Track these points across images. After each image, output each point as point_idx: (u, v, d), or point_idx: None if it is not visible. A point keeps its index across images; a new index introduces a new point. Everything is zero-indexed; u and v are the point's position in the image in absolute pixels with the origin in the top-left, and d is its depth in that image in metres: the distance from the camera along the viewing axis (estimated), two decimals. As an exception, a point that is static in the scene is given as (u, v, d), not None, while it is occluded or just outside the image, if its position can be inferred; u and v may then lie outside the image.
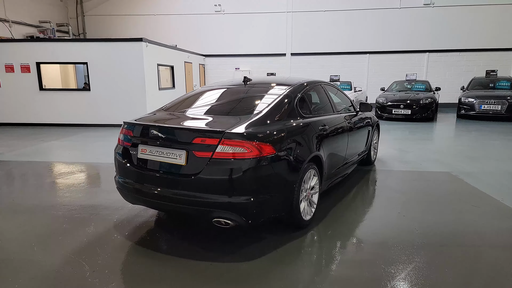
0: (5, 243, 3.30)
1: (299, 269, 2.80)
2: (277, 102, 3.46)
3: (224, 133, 2.80)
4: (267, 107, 3.34)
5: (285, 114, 3.42)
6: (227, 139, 2.79)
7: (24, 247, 3.18)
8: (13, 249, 3.17)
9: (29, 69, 11.03)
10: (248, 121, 3.08)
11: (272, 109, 3.34)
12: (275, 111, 3.34)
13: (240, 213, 2.83)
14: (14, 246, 3.24)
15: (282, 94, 3.59)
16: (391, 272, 2.75)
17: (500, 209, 4.06)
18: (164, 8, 17.58)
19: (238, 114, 3.28)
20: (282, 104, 3.46)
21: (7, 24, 14.13)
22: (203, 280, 2.65)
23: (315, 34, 17.02)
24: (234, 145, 2.79)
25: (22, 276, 2.71)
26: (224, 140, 2.79)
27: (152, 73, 11.21)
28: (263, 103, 3.43)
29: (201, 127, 2.99)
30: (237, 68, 17.51)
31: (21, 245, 3.23)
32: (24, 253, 3.09)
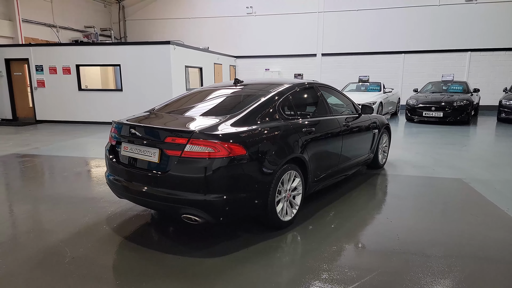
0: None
1: (261, 269, 2.85)
2: (258, 104, 3.52)
3: (193, 133, 2.93)
4: (246, 108, 3.42)
5: (265, 116, 3.47)
6: (196, 139, 2.91)
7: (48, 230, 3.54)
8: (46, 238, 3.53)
9: (70, 71, 11.93)
10: (222, 122, 3.18)
11: (252, 110, 3.41)
12: (254, 113, 3.40)
13: (207, 211, 2.94)
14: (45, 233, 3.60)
15: (265, 97, 3.65)
16: (352, 277, 2.72)
17: (501, 219, 3.81)
18: (199, 12, 18.13)
19: (217, 115, 3.38)
20: (263, 106, 3.52)
21: (55, 29, 15.36)
22: (166, 272, 2.79)
23: (347, 34, 16.68)
24: (202, 145, 2.90)
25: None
26: (192, 140, 2.91)
27: (180, 74, 11.65)
28: (244, 105, 3.51)
29: (173, 127, 3.14)
30: (267, 69, 17.62)
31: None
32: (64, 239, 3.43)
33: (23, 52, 12.12)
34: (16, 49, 12.23)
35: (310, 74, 17.05)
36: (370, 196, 4.59)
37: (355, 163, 4.99)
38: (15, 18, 13.12)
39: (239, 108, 3.43)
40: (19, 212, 4.14)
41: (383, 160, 5.96)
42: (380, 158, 5.81)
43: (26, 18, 13.74)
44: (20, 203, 4.44)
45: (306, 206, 4.15)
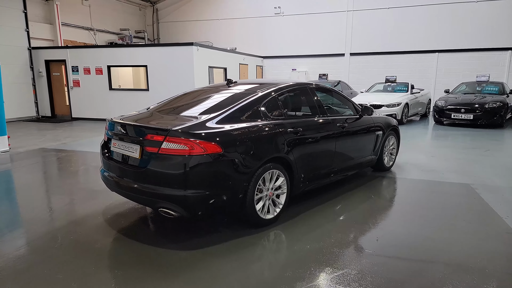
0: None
1: (228, 263, 2.94)
2: (241, 104, 3.60)
3: (169, 131, 3.08)
4: (227, 109, 3.51)
5: (248, 116, 3.55)
6: (172, 137, 3.06)
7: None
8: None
9: (102, 71, 12.64)
10: (201, 121, 3.30)
11: (232, 110, 3.50)
12: (235, 113, 3.49)
13: (181, 205, 3.08)
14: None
15: (249, 97, 3.72)
16: (314, 274, 2.74)
17: (496, 227, 3.62)
18: (228, 13, 18.43)
19: (200, 115, 3.51)
20: (245, 106, 3.60)
21: (92, 32, 16.30)
22: (139, 260, 2.97)
23: (377, 33, 16.23)
24: (177, 142, 3.04)
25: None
26: (168, 138, 3.06)
27: (203, 74, 11.96)
28: (226, 105, 3.60)
29: (153, 125, 3.30)
30: (293, 69, 17.58)
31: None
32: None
33: (61, 54, 13.00)
34: (55, 51, 13.14)
35: (338, 74, 16.79)
36: (363, 199, 4.51)
37: (354, 165, 4.93)
38: (55, 22, 14.09)
39: (221, 108, 3.53)
40: (30, 201, 4.53)
41: (390, 162, 5.81)
42: (386, 161, 5.68)
43: (66, 22, 14.71)
44: (26, 192, 4.85)
45: (296, 205, 4.18)
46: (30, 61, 13.21)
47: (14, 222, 3.90)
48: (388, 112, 11.21)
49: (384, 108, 11.27)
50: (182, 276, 2.74)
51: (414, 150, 7.50)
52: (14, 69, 12.60)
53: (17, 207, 4.38)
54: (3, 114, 7.21)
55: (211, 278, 2.71)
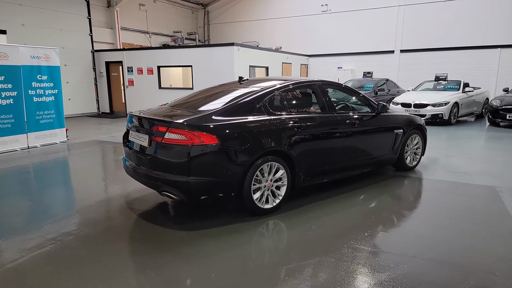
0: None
1: (217, 243, 3.19)
2: (243, 99, 3.84)
3: (171, 123, 3.42)
4: (228, 103, 3.77)
5: (249, 111, 3.77)
6: (173, 128, 3.40)
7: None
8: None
9: (152, 71, 13.62)
10: (202, 114, 3.60)
11: (234, 105, 3.76)
12: (236, 107, 3.74)
13: (180, 190, 3.41)
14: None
15: (253, 94, 3.94)
16: (289, 259, 2.90)
17: (502, 229, 3.45)
18: (275, 13, 18.67)
19: (204, 109, 3.81)
20: (247, 102, 3.82)
21: (148, 35, 17.55)
22: (142, 237, 3.36)
23: (431, 28, 15.37)
24: (178, 133, 3.38)
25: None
26: (170, 129, 3.41)
27: (244, 73, 12.34)
28: (230, 100, 3.86)
29: (158, 117, 3.66)
30: (339, 67, 17.30)
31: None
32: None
33: (118, 56, 14.25)
34: (113, 53, 14.43)
35: (387, 72, 16.20)
36: (372, 196, 4.49)
37: (367, 163, 4.91)
38: (115, 26, 15.45)
39: (222, 103, 3.81)
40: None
41: (413, 162, 5.64)
42: (408, 160, 5.54)
43: (124, 26, 16.04)
44: (73, 174, 5.55)
45: (300, 198, 4.32)
46: (93, 63, 14.65)
47: (56, 196, 4.55)
48: (434, 112, 10.68)
49: (430, 108, 10.75)
50: (172, 252, 3.06)
51: (449, 150, 7.14)
52: (79, 70, 14.08)
53: (66, 186, 5.07)
54: (62, 110, 8.21)
55: (194, 255, 3.00)
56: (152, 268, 2.80)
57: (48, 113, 7.84)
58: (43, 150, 7.50)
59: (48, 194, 4.77)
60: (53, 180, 5.55)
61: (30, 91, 7.44)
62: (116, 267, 2.83)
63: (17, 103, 7.18)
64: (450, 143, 7.99)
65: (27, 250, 3.11)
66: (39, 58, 7.53)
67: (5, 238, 3.37)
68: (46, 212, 4.07)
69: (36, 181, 5.55)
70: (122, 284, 2.59)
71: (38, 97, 7.60)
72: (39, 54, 7.53)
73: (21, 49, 7.20)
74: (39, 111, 7.65)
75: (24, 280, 2.66)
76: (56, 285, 2.60)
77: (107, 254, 3.04)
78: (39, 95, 7.61)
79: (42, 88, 7.67)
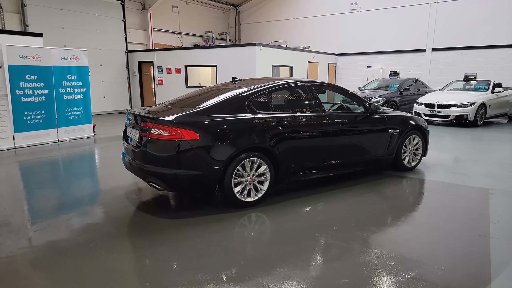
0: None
1: (196, 231, 3.48)
2: (228, 99, 4.11)
3: (156, 120, 3.76)
4: (215, 102, 4.05)
5: (232, 109, 4.02)
6: (158, 124, 3.74)
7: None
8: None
9: (180, 71, 14.24)
10: (188, 111, 3.91)
11: (219, 104, 4.03)
12: (221, 106, 4.01)
13: (163, 181, 3.74)
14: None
15: (238, 93, 4.19)
16: (263, 250, 3.12)
17: (472, 230, 3.43)
18: (304, 12, 18.68)
19: (192, 107, 4.10)
20: (230, 101, 4.08)
21: (180, 36, 18.28)
22: (130, 224, 3.72)
23: (466, 25, 14.67)
24: (162, 129, 3.71)
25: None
26: (156, 125, 3.75)
27: (266, 72, 12.57)
28: (217, 99, 4.13)
29: (147, 114, 3.99)
30: (368, 66, 16.99)
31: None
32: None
33: (149, 56, 15.03)
34: (145, 53, 15.24)
35: (418, 72, 15.71)
36: (357, 194, 4.56)
37: (359, 161, 4.99)
38: (148, 28, 16.27)
39: (208, 102, 4.09)
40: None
41: (412, 163, 5.60)
42: (406, 161, 5.51)
43: (157, 27, 16.84)
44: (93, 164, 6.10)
45: (289, 193, 4.53)
46: (127, 63, 15.56)
47: (72, 182, 5.09)
48: (458, 113, 10.31)
49: (454, 108, 10.38)
50: (150, 236, 3.40)
51: (458, 152, 6.96)
52: (113, 69, 15.02)
53: (85, 175, 5.63)
54: (89, 107, 8.92)
55: (171, 240, 3.31)
56: (130, 248, 3.15)
57: (77, 110, 8.57)
58: (71, 143, 8.22)
59: (71, 180, 5.32)
60: (76, 169, 6.14)
61: (60, 89, 8.18)
62: (98, 247, 3.21)
63: (49, 101, 7.94)
64: (464, 144, 7.74)
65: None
66: (69, 59, 8.26)
67: (41, 219, 3.89)
68: (67, 195, 4.59)
69: (63, 169, 6.17)
70: (100, 260, 2.96)
71: (67, 95, 8.33)
72: (69, 55, 8.26)
73: (52, 51, 7.94)
74: (68, 108, 8.38)
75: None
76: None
77: (93, 233, 3.43)
78: (68, 93, 8.34)
79: (72, 87, 8.40)
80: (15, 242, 3.27)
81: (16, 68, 7.28)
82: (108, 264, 2.88)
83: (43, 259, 2.96)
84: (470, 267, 2.80)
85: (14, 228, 3.59)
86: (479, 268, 2.78)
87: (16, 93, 7.36)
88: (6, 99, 7.24)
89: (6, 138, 7.36)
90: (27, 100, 7.56)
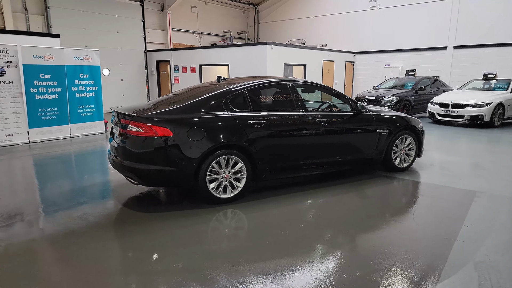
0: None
1: (165, 224, 3.62)
2: (206, 97, 4.21)
3: (133, 117, 3.93)
4: (194, 100, 4.17)
5: (209, 108, 4.12)
6: (134, 121, 3.90)
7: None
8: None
9: (195, 70, 14.53)
10: (164, 109, 4.05)
11: (195, 102, 4.14)
12: (197, 104, 4.12)
13: (137, 176, 3.91)
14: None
15: (216, 92, 4.29)
16: (228, 245, 3.22)
17: (441, 232, 3.35)
18: (322, 10, 18.49)
19: (172, 105, 4.24)
20: (207, 99, 4.18)
21: (198, 35, 18.61)
22: (109, 217, 3.89)
23: (490, 21, 14.00)
24: (137, 126, 3.87)
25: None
26: (132, 121, 3.92)
27: (278, 71, 12.60)
28: (197, 98, 4.25)
29: (125, 112, 4.15)
30: (387, 65, 16.58)
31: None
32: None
33: (167, 55, 15.43)
34: (163, 53, 15.65)
35: (439, 70, 15.19)
36: (337, 193, 4.55)
37: (344, 161, 4.95)
38: (167, 28, 16.70)
39: (186, 100, 4.21)
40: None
41: (404, 164, 5.48)
42: (397, 161, 5.41)
43: (176, 27, 17.24)
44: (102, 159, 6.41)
45: (268, 190, 4.59)
46: (145, 62, 16.05)
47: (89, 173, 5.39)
48: (473, 113, 9.92)
49: (469, 108, 9.99)
50: (123, 227, 3.59)
51: (463, 153, 6.71)
52: (133, 68, 15.55)
53: (87, 168, 5.96)
54: (101, 104, 9.32)
55: (141, 231, 3.47)
56: (105, 237, 3.34)
57: (89, 107, 8.98)
58: (83, 139, 8.63)
59: (79, 172, 5.64)
60: (83, 162, 6.48)
61: (73, 87, 8.60)
62: (77, 234, 3.42)
63: (61, 98, 8.38)
64: (470, 146, 7.45)
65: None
66: (81, 59, 8.67)
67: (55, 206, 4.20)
68: (73, 187, 4.89)
69: (74, 162, 6.53)
70: (79, 246, 3.17)
71: (80, 93, 8.75)
72: (81, 55, 8.67)
73: (65, 51, 8.37)
74: (80, 105, 8.81)
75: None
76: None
77: (70, 224, 3.65)
78: (80, 91, 8.76)
79: (84, 85, 8.81)
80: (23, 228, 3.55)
81: (30, 67, 7.74)
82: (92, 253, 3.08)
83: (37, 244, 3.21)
84: (419, 270, 2.75)
85: (27, 216, 3.88)
86: (429, 271, 2.73)
87: (30, 91, 7.83)
88: (21, 96, 7.71)
89: (21, 133, 7.84)
90: (41, 98, 8.02)
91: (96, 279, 2.65)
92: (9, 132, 7.65)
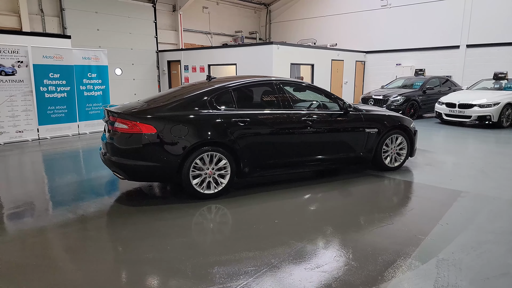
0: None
1: (146, 218, 3.79)
2: (192, 96, 4.36)
3: (119, 114, 4.11)
4: (180, 99, 4.33)
5: (194, 106, 4.26)
6: (120, 118, 4.09)
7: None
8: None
9: (204, 69, 14.75)
10: (150, 107, 4.22)
11: (182, 100, 4.30)
12: (185, 102, 4.27)
13: (123, 171, 4.09)
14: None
15: (202, 90, 4.43)
16: (204, 239, 3.36)
17: (412, 230, 3.38)
18: (333, 9, 18.39)
19: (160, 103, 4.40)
20: (192, 98, 4.33)
21: (209, 35, 18.85)
22: (98, 210, 4.09)
23: (505, 19, 13.62)
24: (123, 123, 4.06)
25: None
26: (118, 119, 4.10)
27: (284, 71, 12.65)
28: (182, 96, 4.40)
29: (112, 109, 4.34)
30: (398, 64, 16.35)
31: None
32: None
33: (177, 55, 15.72)
34: (173, 53, 15.96)
35: (451, 69, 14.88)
36: (321, 191, 4.61)
37: (332, 159, 5.00)
38: (179, 29, 17.00)
39: (175, 98, 4.37)
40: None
41: (395, 163, 5.48)
42: (388, 160, 5.41)
43: (187, 28, 17.53)
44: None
45: (254, 187, 4.71)
46: (157, 62, 16.40)
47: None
48: (480, 113, 9.72)
49: (477, 108, 9.80)
50: (105, 219, 3.78)
51: (462, 153, 6.62)
52: (144, 68, 15.92)
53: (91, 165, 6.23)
54: (108, 102, 9.62)
55: (121, 223, 3.65)
56: (89, 228, 3.54)
57: (96, 106, 9.30)
58: (91, 136, 8.96)
59: (83, 167, 5.92)
60: (88, 158, 6.77)
61: (81, 86, 8.94)
62: (67, 226, 3.63)
63: (70, 97, 8.72)
64: (472, 146, 7.33)
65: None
66: (89, 59, 9.00)
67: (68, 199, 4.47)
68: (77, 181, 5.14)
69: (81, 157, 6.82)
70: (69, 238, 3.37)
71: (88, 91, 9.08)
72: (89, 55, 9.00)
73: (74, 51, 8.71)
74: (88, 104, 9.14)
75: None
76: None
77: (61, 217, 3.87)
78: (88, 90, 9.09)
79: (92, 84, 9.14)
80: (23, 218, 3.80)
81: (40, 67, 8.10)
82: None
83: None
84: (379, 265, 2.80)
85: (35, 207, 4.14)
86: (389, 266, 2.78)
87: (40, 90, 8.19)
88: (32, 95, 8.08)
89: (31, 130, 8.22)
90: (50, 96, 8.38)
91: (69, 267, 2.83)
92: (19, 128, 8.04)
